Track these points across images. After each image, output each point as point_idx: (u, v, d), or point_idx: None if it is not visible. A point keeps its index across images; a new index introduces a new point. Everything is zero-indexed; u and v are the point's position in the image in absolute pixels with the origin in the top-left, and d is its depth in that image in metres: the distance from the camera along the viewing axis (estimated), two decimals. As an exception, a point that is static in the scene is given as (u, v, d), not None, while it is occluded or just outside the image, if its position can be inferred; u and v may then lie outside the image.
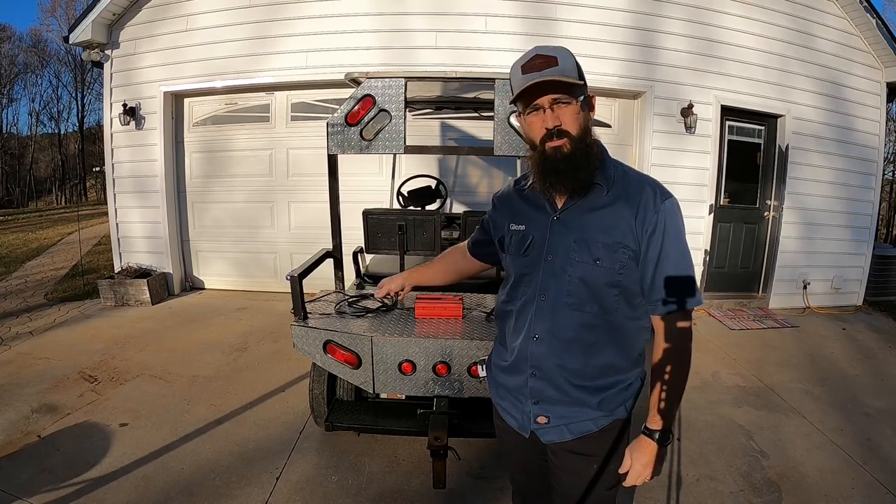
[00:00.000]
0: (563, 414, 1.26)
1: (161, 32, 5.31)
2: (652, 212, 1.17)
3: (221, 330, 4.53)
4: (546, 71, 1.12)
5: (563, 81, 1.12)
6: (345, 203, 2.79)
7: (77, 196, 25.54)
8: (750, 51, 5.19)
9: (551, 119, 1.15)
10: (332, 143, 2.46)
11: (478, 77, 2.89)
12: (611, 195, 1.20)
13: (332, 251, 2.81)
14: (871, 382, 3.73)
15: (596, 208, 1.20)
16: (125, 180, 5.62)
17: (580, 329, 1.22)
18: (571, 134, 1.16)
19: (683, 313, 1.18)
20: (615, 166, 1.24)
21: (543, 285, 1.24)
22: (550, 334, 1.24)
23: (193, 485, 2.41)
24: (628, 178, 1.22)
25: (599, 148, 1.23)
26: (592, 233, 1.19)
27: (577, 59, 1.18)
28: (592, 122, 1.22)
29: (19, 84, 25.90)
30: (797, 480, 2.53)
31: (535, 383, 1.27)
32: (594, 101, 1.23)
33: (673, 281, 1.17)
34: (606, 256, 1.18)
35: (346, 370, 2.22)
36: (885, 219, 13.42)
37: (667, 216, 1.17)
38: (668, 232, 1.17)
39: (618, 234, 1.18)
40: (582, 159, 1.17)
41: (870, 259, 5.86)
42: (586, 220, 1.21)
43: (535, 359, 1.26)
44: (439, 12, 4.99)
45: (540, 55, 1.14)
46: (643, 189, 1.19)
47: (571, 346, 1.23)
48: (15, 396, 3.21)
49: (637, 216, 1.17)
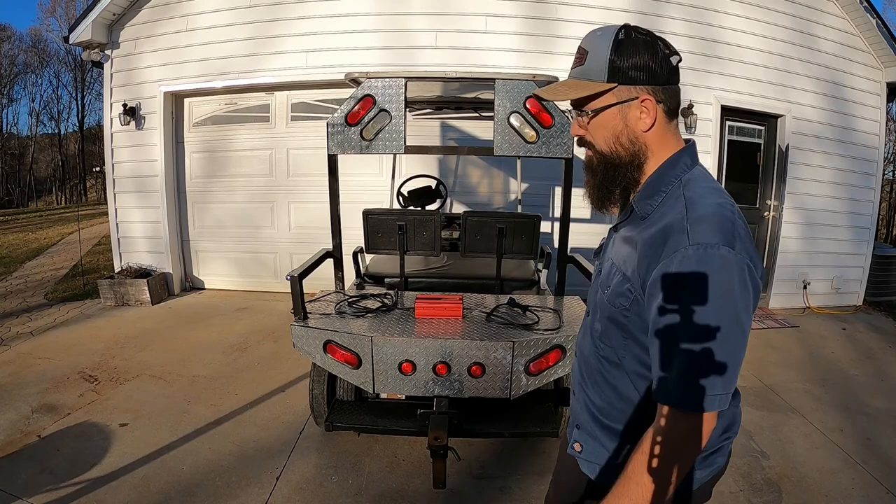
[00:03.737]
0: (591, 449, 1.08)
1: (161, 32, 5.31)
2: (662, 252, 0.86)
3: (221, 330, 4.53)
4: (573, 71, 0.97)
5: (577, 86, 0.94)
6: (345, 203, 2.79)
7: (77, 196, 25.53)
8: (750, 51, 5.19)
9: (574, 127, 1.01)
10: (332, 143, 2.46)
11: (478, 77, 2.89)
12: (648, 222, 0.94)
13: (332, 251, 2.81)
14: (872, 382, 3.73)
15: (629, 233, 1.00)
16: (125, 180, 5.62)
17: (603, 362, 1.03)
18: (595, 146, 0.99)
19: (673, 413, 0.84)
20: (674, 190, 0.94)
21: (590, 300, 1.12)
22: (583, 356, 1.10)
23: (193, 485, 2.40)
24: (675, 202, 0.91)
25: (665, 164, 0.96)
26: (618, 258, 1.00)
27: (628, 50, 0.91)
28: (632, 131, 0.95)
29: (19, 84, 25.92)
30: (797, 480, 2.53)
31: (574, 404, 1.15)
32: (648, 103, 0.92)
33: (661, 362, 0.85)
34: (616, 290, 0.97)
35: (346, 370, 2.22)
36: (885, 219, 13.41)
37: (684, 267, 0.82)
38: (671, 291, 0.83)
39: (630, 270, 0.94)
40: (607, 177, 0.98)
41: (870, 259, 5.86)
42: (619, 242, 1.03)
43: (575, 377, 1.14)
44: (439, 12, 4.99)
45: (580, 47, 0.96)
46: (670, 218, 0.89)
47: (595, 377, 1.05)
48: (15, 396, 3.21)
49: (646, 252, 0.89)
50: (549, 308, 2.54)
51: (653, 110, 0.93)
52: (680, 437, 0.84)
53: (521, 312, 2.44)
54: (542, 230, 2.93)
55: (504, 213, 3.35)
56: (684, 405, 0.83)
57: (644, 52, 0.91)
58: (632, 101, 0.93)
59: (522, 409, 2.53)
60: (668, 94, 0.94)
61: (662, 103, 0.94)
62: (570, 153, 2.48)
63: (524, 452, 2.69)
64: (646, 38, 0.92)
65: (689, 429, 0.84)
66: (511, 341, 2.11)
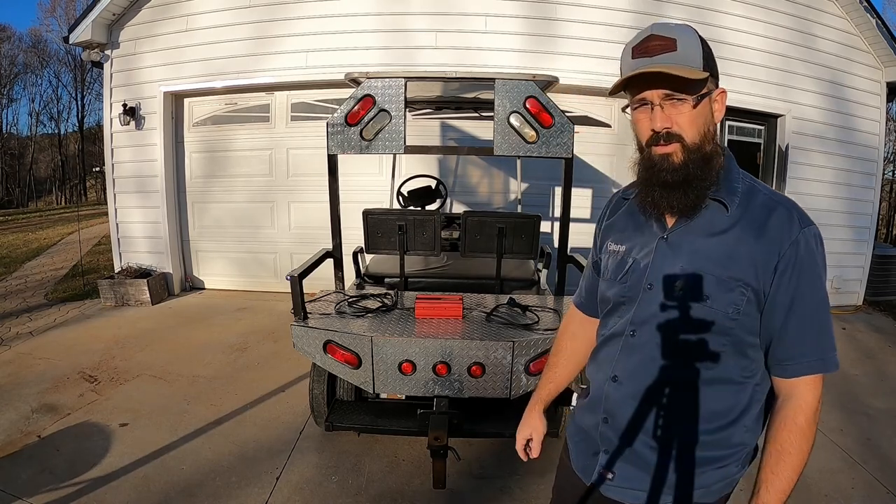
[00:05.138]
0: (631, 476, 1.03)
1: (161, 32, 5.31)
2: (786, 242, 0.91)
3: (221, 330, 4.53)
4: (659, 57, 0.90)
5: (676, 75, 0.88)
6: (345, 203, 2.79)
7: (77, 196, 25.53)
8: (750, 50, 5.19)
9: (660, 119, 0.92)
10: (332, 143, 2.46)
11: (478, 77, 2.89)
12: (733, 216, 0.95)
13: (332, 251, 2.81)
14: (871, 382, 3.73)
15: (714, 232, 0.95)
16: (125, 180, 5.62)
17: (670, 381, 0.99)
18: (685, 139, 0.93)
19: (815, 380, 0.94)
20: (743, 180, 0.98)
21: (637, 318, 1.01)
22: (632, 379, 1.02)
23: (193, 485, 2.40)
24: (757, 196, 0.96)
25: (726, 157, 0.99)
26: (705, 263, 0.94)
27: (705, 43, 0.94)
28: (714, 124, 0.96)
29: (19, 84, 25.92)
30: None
31: (606, 431, 1.06)
32: (724, 97, 0.96)
33: (808, 335, 0.93)
34: (719, 295, 0.93)
35: (346, 370, 2.22)
36: (885, 219, 13.40)
37: (805, 250, 0.91)
38: (806, 271, 0.91)
39: (737, 268, 0.92)
40: (697, 172, 0.93)
41: (870, 259, 5.86)
42: (700, 244, 0.96)
43: (609, 403, 1.05)
44: (439, 12, 4.99)
45: (656, 35, 0.91)
46: (775, 211, 0.93)
47: (654, 398, 1.00)
48: (15, 396, 3.21)
49: (764, 246, 0.92)
50: (549, 308, 2.54)
51: (723, 104, 0.96)
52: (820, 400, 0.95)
53: (521, 312, 2.44)
54: (542, 230, 2.93)
55: (504, 213, 3.35)
56: (824, 368, 0.94)
57: (710, 49, 0.95)
58: (714, 93, 0.95)
59: (522, 410, 2.53)
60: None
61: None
62: (570, 153, 2.47)
63: (524, 452, 2.69)
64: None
65: (820, 393, 0.95)
66: (511, 341, 2.11)
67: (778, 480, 0.91)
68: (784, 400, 0.95)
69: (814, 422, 0.93)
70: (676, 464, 0.99)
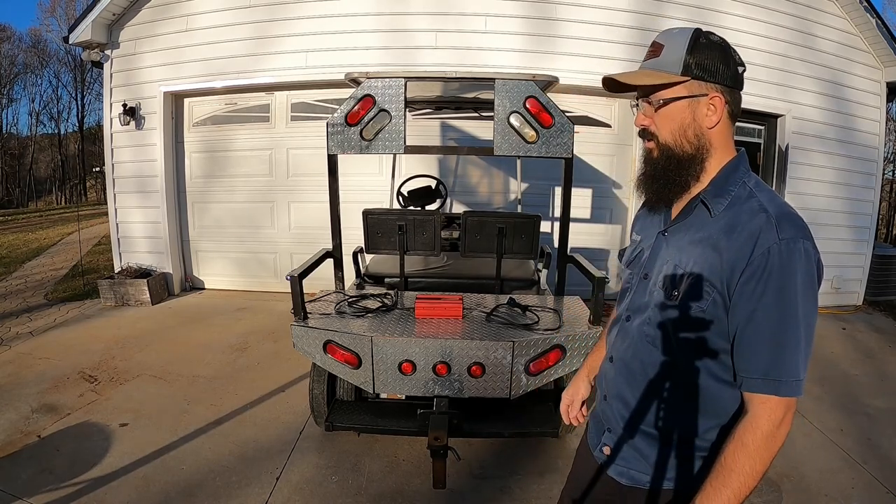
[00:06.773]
0: (624, 455, 1.10)
1: (161, 32, 5.30)
2: (757, 250, 0.89)
3: (221, 330, 4.53)
4: (646, 63, 1.01)
5: (651, 74, 0.98)
6: (345, 203, 2.79)
7: (77, 196, 25.53)
8: (750, 50, 5.18)
9: (638, 118, 1.04)
10: (332, 143, 2.46)
11: (478, 77, 2.89)
12: (717, 219, 0.96)
13: (332, 251, 2.81)
14: (871, 382, 3.73)
15: (697, 231, 0.99)
16: (125, 180, 5.61)
17: (652, 367, 1.03)
18: (659, 138, 1.00)
19: (769, 401, 0.90)
20: (744, 185, 0.98)
21: (633, 305, 1.09)
22: (622, 361, 1.10)
23: (193, 485, 2.41)
24: (748, 202, 0.95)
25: (733, 160, 1.00)
26: (685, 260, 0.98)
27: (704, 49, 0.96)
28: (699, 127, 0.98)
29: (19, 84, 25.91)
30: (797, 480, 2.53)
31: (606, 409, 1.15)
32: (717, 100, 0.96)
33: (762, 351, 0.90)
34: (687, 293, 0.96)
35: (346, 370, 2.22)
36: (885, 219, 13.41)
37: (779, 262, 0.87)
38: (774, 283, 0.87)
39: (707, 269, 0.94)
40: (670, 170, 0.99)
41: (870, 259, 5.86)
42: (684, 242, 1.00)
43: (607, 382, 1.15)
44: (439, 12, 4.99)
45: (654, 42, 1.01)
46: (755, 217, 0.92)
47: (639, 382, 1.05)
48: (15, 396, 3.21)
49: (733, 252, 0.91)
50: (549, 308, 2.54)
51: (720, 109, 0.97)
52: (776, 424, 0.90)
53: (521, 312, 2.44)
54: (542, 230, 2.93)
55: (504, 213, 3.35)
56: (775, 391, 0.89)
57: (718, 53, 0.97)
58: (702, 97, 0.97)
59: (522, 409, 2.53)
60: (734, 98, 0.99)
61: (728, 104, 0.98)
62: (569, 153, 2.47)
63: (524, 452, 2.69)
64: (721, 42, 0.99)
65: (783, 415, 0.90)
66: (511, 341, 2.11)
67: (717, 498, 0.88)
68: (743, 414, 0.93)
69: (765, 446, 0.88)
70: (658, 444, 1.04)
